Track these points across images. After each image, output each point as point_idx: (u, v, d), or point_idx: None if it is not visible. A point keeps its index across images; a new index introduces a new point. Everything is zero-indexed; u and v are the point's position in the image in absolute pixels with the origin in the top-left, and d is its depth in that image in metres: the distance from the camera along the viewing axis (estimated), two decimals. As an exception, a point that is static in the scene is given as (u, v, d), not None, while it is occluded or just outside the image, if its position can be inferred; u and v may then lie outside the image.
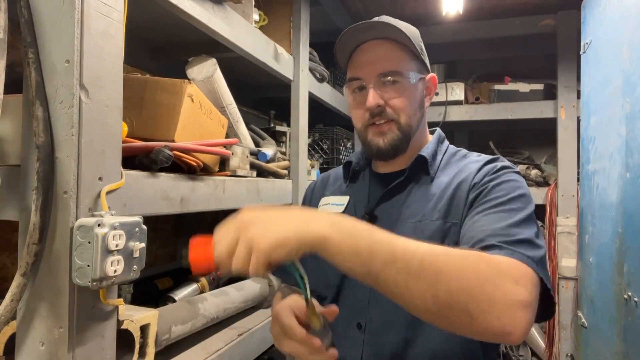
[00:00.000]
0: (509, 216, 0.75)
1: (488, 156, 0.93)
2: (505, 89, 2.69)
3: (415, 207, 0.90)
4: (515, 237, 0.71)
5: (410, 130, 0.93)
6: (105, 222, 0.68)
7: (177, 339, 1.07)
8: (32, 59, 0.69)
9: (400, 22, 0.94)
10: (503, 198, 0.79)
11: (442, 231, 0.84)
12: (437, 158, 0.96)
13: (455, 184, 0.88)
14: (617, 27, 1.54)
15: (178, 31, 1.38)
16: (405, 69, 0.91)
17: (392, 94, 0.91)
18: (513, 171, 0.87)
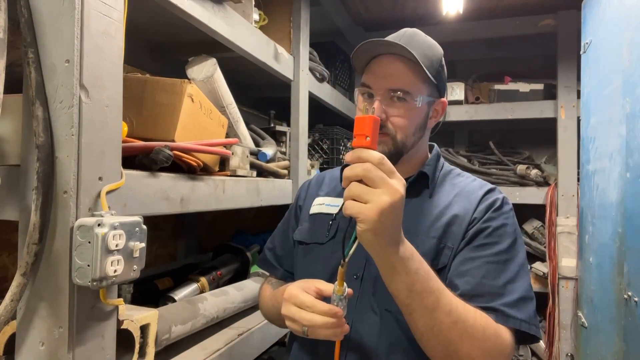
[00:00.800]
0: (505, 268, 0.85)
1: (484, 183, 0.99)
2: (505, 89, 2.69)
3: (412, 221, 0.93)
4: (510, 298, 0.82)
5: (404, 148, 0.96)
6: (105, 222, 0.68)
7: (177, 339, 1.07)
8: (32, 58, 0.69)
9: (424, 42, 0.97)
10: (501, 245, 0.87)
11: (436, 251, 0.89)
12: (436, 174, 1.01)
13: (456, 208, 0.93)
14: (617, 27, 1.54)
15: (178, 31, 1.38)
16: (414, 90, 0.93)
17: (395, 112, 0.93)
18: (509, 209, 0.94)
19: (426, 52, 0.95)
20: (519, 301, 0.83)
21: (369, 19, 2.71)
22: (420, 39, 0.97)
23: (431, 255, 0.88)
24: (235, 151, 1.23)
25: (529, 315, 0.83)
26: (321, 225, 1.03)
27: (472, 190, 0.96)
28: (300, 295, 0.81)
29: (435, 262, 0.88)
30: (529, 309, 0.84)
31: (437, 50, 0.99)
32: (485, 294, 0.83)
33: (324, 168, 2.27)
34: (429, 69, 0.93)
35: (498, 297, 0.82)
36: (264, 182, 1.41)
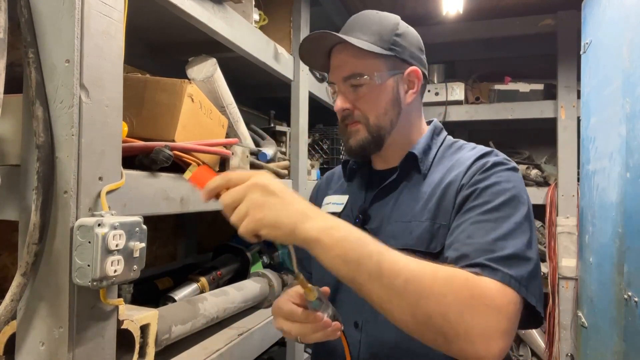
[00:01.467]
0: (496, 226, 0.74)
1: (482, 149, 0.91)
2: (505, 89, 2.70)
3: (406, 206, 0.89)
4: (501, 253, 0.70)
5: (381, 130, 0.92)
6: (105, 222, 0.68)
7: (177, 339, 1.07)
8: (32, 58, 0.69)
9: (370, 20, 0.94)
10: (492, 204, 0.77)
11: (430, 233, 0.83)
12: (431, 152, 0.95)
13: (446, 182, 0.86)
14: (617, 27, 1.54)
15: (178, 31, 1.38)
16: (369, 70, 0.90)
17: (358, 97, 0.91)
18: (506, 168, 0.83)
19: (373, 28, 0.91)
20: (511, 258, 0.70)
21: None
22: (365, 17, 0.95)
23: (426, 239, 0.82)
24: (235, 151, 1.23)
25: (522, 275, 0.68)
26: None
27: (466, 158, 0.88)
28: (284, 307, 0.78)
29: (433, 245, 0.81)
30: (524, 269, 0.70)
31: (388, 21, 0.94)
32: (471, 252, 0.71)
33: (324, 168, 2.27)
34: (377, 44, 0.89)
35: (485, 253, 0.70)
36: (264, 182, 1.41)
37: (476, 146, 0.94)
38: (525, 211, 0.77)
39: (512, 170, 0.84)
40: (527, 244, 0.73)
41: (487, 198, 0.77)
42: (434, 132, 0.98)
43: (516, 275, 0.68)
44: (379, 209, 0.93)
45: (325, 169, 2.30)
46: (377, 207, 0.94)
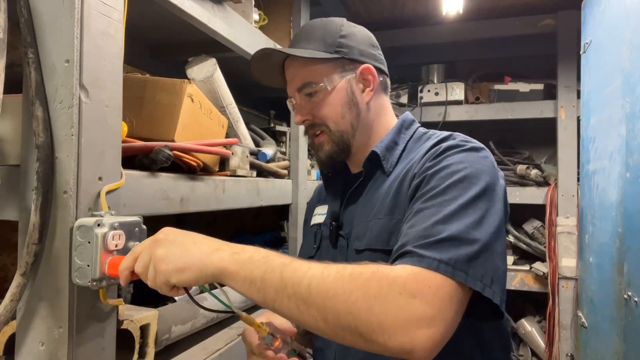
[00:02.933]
0: (437, 211, 0.67)
1: (441, 135, 0.86)
2: (505, 89, 2.69)
3: (370, 205, 0.87)
4: (434, 238, 0.64)
5: (344, 134, 0.90)
6: (105, 222, 0.68)
7: (177, 339, 1.07)
8: (32, 58, 0.69)
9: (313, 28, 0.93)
10: (437, 189, 0.71)
11: (388, 228, 0.79)
12: (397, 148, 0.91)
13: (402, 175, 0.82)
14: (617, 27, 1.54)
15: (178, 31, 1.38)
16: (318, 77, 0.89)
17: (313, 105, 0.90)
18: (460, 150, 0.77)
19: (316, 35, 0.91)
20: (445, 240, 0.63)
21: (369, 19, 2.71)
22: (310, 26, 0.94)
23: (385, 236, 0.79)
24: (235, 151, 1.23)
25: (456, 258, 0.61)
26: (311, 237, 1.02)
27: (425, 147, 0.83)
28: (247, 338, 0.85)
29: (393, 241, 0.75)
30: (462, 251, 0.62)
31: (331, 25, 0.92)
32: (407, 241, 0.66)
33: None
34: (321, 49, 0.88)
35: (418, 240, 0.65)
36: (264, 182, 1.41)
37: (443, 133, 0.88)
38: (478, 190, 0.69)
39: (470, 150, 0.77)
40: (474, 224, 0.65)
41: (434, 183, 0.72)
42: (401, 126, 0.94)
43: (447, 259, 0.61)
44: (350, 213, 0.92)
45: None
46: (348, 212, 0.93)
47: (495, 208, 0.70)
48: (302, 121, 0.92)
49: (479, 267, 0.63)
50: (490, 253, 0.65)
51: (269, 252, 0.66)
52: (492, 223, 0.68)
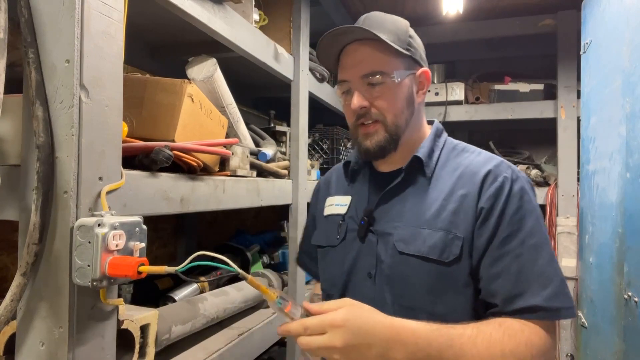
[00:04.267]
0: (536, 257, 0.82)
1: (487, 157, 0.92)
2: (505, 89, 2.70)
3: (415, 211, 0.91)
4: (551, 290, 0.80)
5: (398, 129, 0.92)
6: (105, 222, 0.68)
7: (177, 339, 1.07)
8: (32, 58, 0.69)
9: (384, 19, 0.93)
10: (525, 231, 0.83)
11: (444, 242, 0.86)
12: (434, 155, 0.95)
13: (459, 194, 0.88)
14: (617, 27, 1.54)
15: (178, 31, 1.38)
16: (389, 68, 0.90)
17: (376, 95, 0.90)
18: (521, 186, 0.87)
19: (389, 28, 0.91)
20: (558, 289, 0.80)
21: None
22: (380, 18, 0.94)
23: (439, 248, 0.85)
24: (235, 151, 1.23)
25: (569, 299, 0.81)
26: (332, 227, 1.03)
27: (475, 169, 0.90)
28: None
29: (445, 255, 0.85)
30: (568, 292, 0.82)
31: (401, 23, 0.95)
32: (525, 291, 0.80)
33: (324, 168, 2.27)
34: (396, 43, 0.90)
35: (538, 291, 0.79)
36: (264, 182, 1.41)
37: (481, 152, 0.95)
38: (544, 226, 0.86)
39: (525, 182, 0.88)
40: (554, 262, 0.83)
41: (518, 226, 0.84)
42: (435, 134, 0.99)
43: (568, 304, 0.80)
44: (385, 212, 0.94)
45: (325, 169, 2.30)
46: (382, 210, 0.95)
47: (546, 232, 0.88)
48: (360, 107, 0.90)
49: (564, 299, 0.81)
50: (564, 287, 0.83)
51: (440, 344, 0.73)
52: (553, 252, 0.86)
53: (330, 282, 1.01)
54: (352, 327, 0.69)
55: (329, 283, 1.02)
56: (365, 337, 0.69)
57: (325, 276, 1.04)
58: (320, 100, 2.07)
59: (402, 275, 0.88)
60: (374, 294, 0.91)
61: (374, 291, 0.91)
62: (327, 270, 1.03)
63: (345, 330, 0.68)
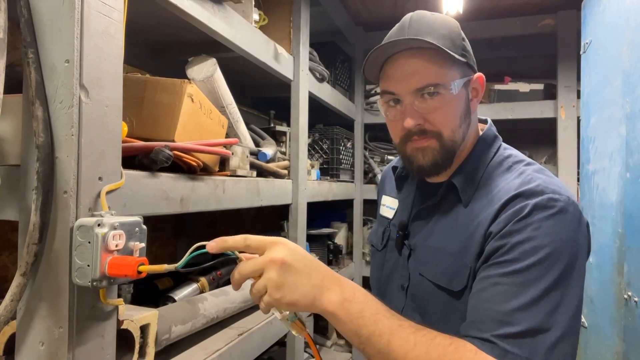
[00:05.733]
0: (518, 292, 0.68)
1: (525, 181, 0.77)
2: (505, 89, 2.69)
3: (440, 232, 0.85)
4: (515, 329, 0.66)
5: (454, 145, 0.83)
6: (105, 222, 0.68)
7: (177, 339, 1.07)
8: (32, 58, 0.69)
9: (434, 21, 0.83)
10: (520, 264, 0.69)
11: (454, 270, 0.79)
12: (477, 175, 0.85)
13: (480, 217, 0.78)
14: (617, 27, 1.54)
15: (178, 31, 1.38)
16: (446, 80, 0.81)
17: (431, 109, 0.81)
18: (548, 215, 0.71)
19: (442, 32, 0.81)
20: (525, 334, 0.65)
21: (369, 19, 2.71)
22: (429, 20, 0.83)
23: (449, 276, 0.79)
24: (235, 151, 1.23)
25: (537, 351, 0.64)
26: (380, 230, 1.04)
27: (505, 192, 0.77)
28: None
29: (455, 283, 0.78)
30: (540, 342, 0.65)
31: (453, 24, 0.85)
32: (485, 321, 0.68)
33: (324, 168, 2.27)
34: (451, 49, 0.80)
35: (498, 327, 0.67)
36: (264, 182, 1.41)
37: (523, 172, 0.80)
38: (561, 269, 0.68)
39: (558, 214, 0.71)
40: (553, 311, 0.67)
41: (517, 256, 0.70)
42: (484, 145, 0.88)
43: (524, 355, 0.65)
44: (418, 227, 0.90)
45: (325, 169, 2.30)
46: (417, 225, 0.91)
47: (575, 288, 0.70)
48: (415, 125, 0.81)
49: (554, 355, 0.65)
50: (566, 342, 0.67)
51: (377, 308, 0.68)
52: (571, 306, 0.68)
53: (374, 282, 1.04)
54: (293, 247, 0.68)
55: (372, 282, 1.05)
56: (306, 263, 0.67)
57: (371, 274, 1.07)
58: (320, 100, 2.07)
59: (423, 297, 0.86)
60: (405, 307, 0.90)
61: (405, 305, 0.91)
62: (372, 271, 1.05)
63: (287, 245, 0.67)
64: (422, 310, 0.86)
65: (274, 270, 0.65)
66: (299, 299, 0.66)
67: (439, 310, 0.81)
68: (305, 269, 0.67)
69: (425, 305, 0.85)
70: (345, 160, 2.53)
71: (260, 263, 0.67)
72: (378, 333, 0.66)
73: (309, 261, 0.68)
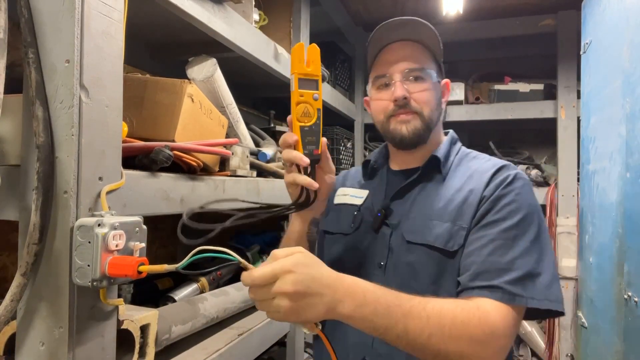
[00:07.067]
0: (513, 244, 0.83)
1: (497, 161, 0.98)
2: (505, 89, 2.69)
3: (426, 205, 0.96)
4: (516, 275, 0.80)
5: (432, 122, 0.99)
6: (105, 222, 0.68)
7: (177, 339, 1.07)
8: (32, 58, 0.69)
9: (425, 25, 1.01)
10: (510, 221, 0.85)
11: (450, 233, 0.90)
12: (450, 159, 1.01)
13: (467, 190, 0.93)
14: (617, 27, 1.54)
15: (178, 31, 1.38)
16: (429, 68, 0.99)
17: (416, 89, 0.97)
18: (523, 184, 0.91)
19: (429, 32, 1.00)
20: (525, 277, 0.81)
21: (369, 19, 2.71)
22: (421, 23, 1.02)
23: (445, 238, 0.89)
24: (235, 151, 1.23)
25: (538, 290, 0.80)
26: (346, 216, 1.06)
27: (484, 169, 0.96)
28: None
29: (450, 244, 0.89)
30: (538, 284, 0.81)
31: (436, 33, 1.02)
32: (490, 271, 0.82)
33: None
34: (436, 50, 1.00)
35: (502, 274, 0.81)
36: (264, 182, 1.41)
37: (491, 158, 1.01)
38: (539, 227, 0.87)
39: (527, 184, 0.92)
40: (538, 259, 0.83)
41: (506, 215, 0.87)
42: (451, 141, 1.06)
43: (534, 295, 0.80)
44: (399, 206, 0.99)
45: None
46: (397, 204, 1.00)
47: (547, 240, 0.88)
48: (402, 97, 0.96)
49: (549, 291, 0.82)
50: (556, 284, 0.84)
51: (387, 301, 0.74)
52: (551, 255, 0.87)
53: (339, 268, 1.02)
54: (301, 272, 0.68)
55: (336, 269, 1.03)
56: (316, 286, 0.69)
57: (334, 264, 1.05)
58: (320, 100, 2.06)
59: (409, 264, 0.92)
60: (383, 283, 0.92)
61: (383, 281, 0.92)
62: (336, 258, 1.04)
63: (295, 275, 0.67)
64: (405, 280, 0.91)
65: (287, 299, 0.67)
66: (313, 318, 0.70)
67: (433, 272, 0.89)
68: (317, 290, 0.69)
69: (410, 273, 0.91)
70: (345, 161, 2.53)
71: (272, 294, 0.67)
72: (394, 323, 0.73)
73: (318, 280, 0.70)
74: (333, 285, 0.71)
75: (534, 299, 0.80)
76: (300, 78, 0.81)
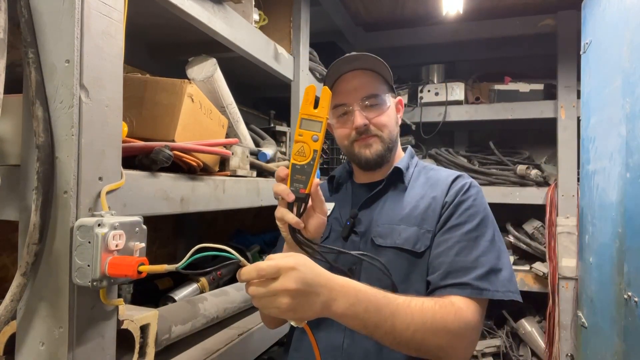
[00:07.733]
0: (475, 245, 0.94)
1: (453, 172, 1.10)
2: (505, 89, 2.69)
3: (392, 212, 1.04)
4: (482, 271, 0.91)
5: (392, 143, 1.09)
6: (105, 222, 0.68)
7: (177, 339, 1.07)
8: (32, 58, 0.69)
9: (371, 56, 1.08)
10: (471, 224, 0.97)
11: (417, 236, 0.99)
12: (410, 170, 1.12)
13: (429, 197, 1.04)
14: (617, 27, 1.54)
15: (178, 31, 1.38)
16: (382, 93, 1.07)
17: (374, 114, 1.06)
18: (477, 190, 1.04)
19: (378, 61, 1.07)
20: (489, 273, 0.91)
21: (369, 19, 2.71)
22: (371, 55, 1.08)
23: (412, 240, 0.99)
24: (235, 151, 1.23)
25: (500, 284, 0.91)
26: None
27: (442, 178, 1.07)
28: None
29: (418, 245, 0.98)
30: (500, 278, 0.92)
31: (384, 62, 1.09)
32: (458, 270, 0.92)
33: (324, 168, 2.27)
34: (386, 76, 1.09)
35: (469, 272, 0.91)
36: (264, 182, 1.41)
37: (446, 169, 1.14)
38: (493, 228, 0.99)
39: (481, 190, 1.05)
40: (498, 256, 0.95)
41: (466, 219, 0.98)
42: (410, 155, 1.17)
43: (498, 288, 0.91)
44: (366, 215, 1.07)
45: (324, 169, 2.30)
46: (364, 213, 1.08)
47: (501, 239, 1.00)
48: (363, 124, 1.04)
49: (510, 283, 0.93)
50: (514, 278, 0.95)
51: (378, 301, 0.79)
52: (506, 252, 0.98)
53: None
54: (303, 271, 0.71)
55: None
56: (315, 284, 0.72)
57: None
58: (320, 100, 2.06)
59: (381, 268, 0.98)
60: None
61: None
62: None
63: (298, 272, 0.70)
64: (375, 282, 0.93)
65: (288, 296, 0.69)
66: (310, 315, 0.74)
67: (402, 272, 0.97)
68: (316, 289, 0.72)
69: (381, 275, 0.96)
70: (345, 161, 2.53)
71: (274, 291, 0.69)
72: (382, 320, 0.78)
73: (317, 280, 0.73)
74: (329, 285, 0.75)
75: (498, 292, 0.90)
76: (304, 118, 0.83)
